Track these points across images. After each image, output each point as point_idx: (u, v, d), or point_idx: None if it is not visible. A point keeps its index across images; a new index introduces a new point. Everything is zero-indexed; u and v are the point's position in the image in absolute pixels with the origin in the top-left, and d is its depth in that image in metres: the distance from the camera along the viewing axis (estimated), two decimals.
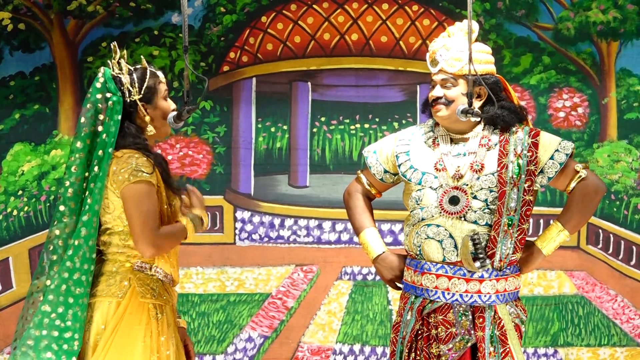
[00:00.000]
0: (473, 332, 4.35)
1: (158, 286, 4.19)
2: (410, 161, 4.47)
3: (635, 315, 6.95)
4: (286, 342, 6.98)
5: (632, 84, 6.99)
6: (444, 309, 4.38)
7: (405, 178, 4.47)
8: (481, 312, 4.37)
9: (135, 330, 4.12)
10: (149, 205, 4.10)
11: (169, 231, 4.17)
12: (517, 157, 4.36)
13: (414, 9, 7.05)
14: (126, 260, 4.19)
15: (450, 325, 4.36)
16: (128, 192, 4.10)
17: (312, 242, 7.03)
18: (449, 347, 4.33)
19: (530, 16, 7.01)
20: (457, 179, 4.37)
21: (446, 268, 4.37)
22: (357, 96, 7.05)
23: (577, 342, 6.94)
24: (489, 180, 4.36)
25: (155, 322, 4.14)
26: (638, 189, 6.96)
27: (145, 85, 4.22)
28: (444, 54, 4.41)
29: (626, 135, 6.98)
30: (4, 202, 6.95)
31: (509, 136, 4.41)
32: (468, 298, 4.36)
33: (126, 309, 4.13)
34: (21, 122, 6.97)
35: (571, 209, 4.47)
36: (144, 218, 4.09)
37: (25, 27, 6.95)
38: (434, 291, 4.38)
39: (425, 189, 4.41)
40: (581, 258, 6.97)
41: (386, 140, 4.61)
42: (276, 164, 7.04)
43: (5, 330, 6.85)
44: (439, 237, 4.37)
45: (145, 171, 4.10)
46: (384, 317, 6.99)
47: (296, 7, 7.03)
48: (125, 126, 4.18)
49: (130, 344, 4.11)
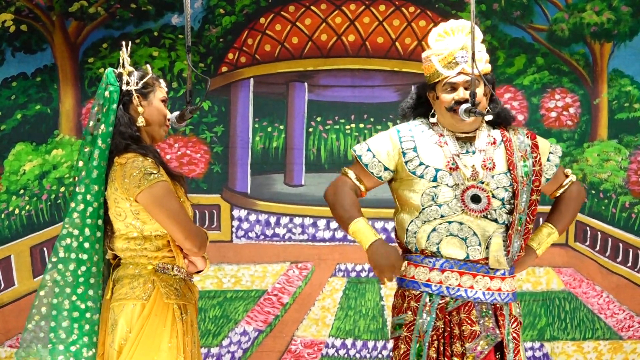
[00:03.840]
0: (497, 330, 4.30)
1: (181, 286, 4.18)
2: (419, 158, 4.36)
3: (619, 310, 7.02)
4: (280, 336, 7.02)
5: (623, 84, 7.01)
6: (466, 307, 4.30)
7: (415, 175, 4.34)
8: (500, 310, 4.34)
9: (161, 331, 4.10)
10: (173, 203, 4.09)
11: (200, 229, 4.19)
12: (524, 158, 4.37)
13: (410, 11, 7.04)
14: (148, 262, 4.17)
15: (473, 323, 4.28)
16: (148, 198, 4.08)
17: (307, 239, 7.04)
18: (474, 346, 4.26)
19: (525, 17, 7.00)
20: (473, 178, 4.32)
21: (469, 265, 4.31)
22: (352, 96, 7.05)
23: (563, 336, 7.00)
24: (503, 179, 4.33)
25: (181, 322, 4.12)
26: (626, 187, 7.02)
27: (144, 80, 4.22)
28: (465, 55, 4.30)
29: (616, 135, 7.03)
30: (5, 201, 6.96)
31: (510, 136, 4.40)
32: (489, 296, 4.32)
33: (151, 311, 4.11)
34: (23, 122, 6.97)
35: (564, 211, 4.53)
36: (175, 216, 4.09)
37: (27, 28, 6.94)
38: (456, 289, 4.30)
39: (442, 186, 4.30)
40: (569, 255, 7.03)
41: (382, 138, 4.45)
42: (272, 163, 7.05)
43: (6, 326, 6.90)
44: (463, 234, 4.30)
45: (155, 172, 4.08)
46: (376, 312, 7.02)
47: (294, 8, 7.02)
48: (119, 114, 4.17)
49: (156, 345, 4.09)
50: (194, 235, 4.11)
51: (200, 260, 4.22)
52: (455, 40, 4.36)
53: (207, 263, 4.26)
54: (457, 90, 4.33)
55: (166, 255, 4.18)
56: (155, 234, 4.16)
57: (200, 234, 4.17)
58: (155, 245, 4.17)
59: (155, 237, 4.16)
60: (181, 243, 4.12)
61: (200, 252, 4.16)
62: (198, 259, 4.21)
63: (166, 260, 4.18)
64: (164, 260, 4.18)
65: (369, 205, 6.97)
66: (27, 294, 6.89)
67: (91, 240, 4.14)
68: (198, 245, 4.13)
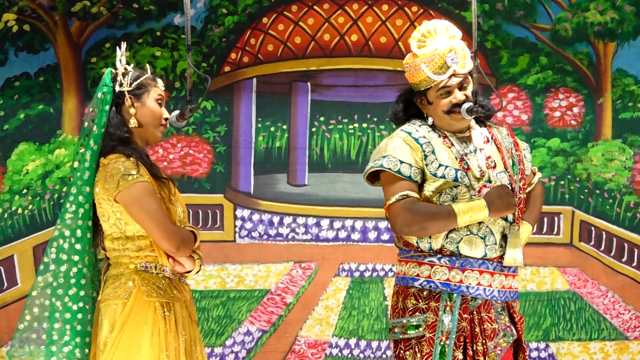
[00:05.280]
0: (513, 327, 4.31)
1: (165, 284, 4.17)
2: (438, 160, 4.28)
3: (625, 310, 7.01)
4: (284, 336, 7.02)
5: (627, 84, 7.00)
6: (486, 305, 4.29)
7: (437, 176, 4.27)
8: (512, 307, 4.35)
9: (142, 329, 4.09)
10: (151, 203, 4.08)
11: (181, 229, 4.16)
12: (510, 157, 4.37)
13: (413, 10, 7.05)
14: (130, 262, 4.17)
15: (492, 321, 4.28)
16: (126, 199, 4.09)
17: (310, 239, 7.05)
18: (495, 344, 4.25)
19: (528, 17, 7.00)
20: (482, 177, 4.31)
21: (487, 264, 4.29)
22: (355, 96, 7.05)
23: (568, 337, 6.99)
24: (504, 178, 4.33)
25: (163, 320, 4.12)
26: (631, 187, 7.01)
27: (138, 81, 4.21)
28: (455, 57, 4.26)
29: (620, 135, 7.02)
30: (8, 200, 6.98)
31: (494, 133, 4.40)
32: (502, 294, 4.32)
33: (132, 309, 4.11)
34: (26, 122, 6.99)
35: (534, 208, 4.54)
36: (153, 216, 4.08)
37: (30, 28, 6.96)
38: (475, 288, 4.28)
39: (461, 187, 4.27)
40: (574, 255, 7.03)
41: (402, 144, 4.32)
42: (275, 163, 7.06)
43: (10, 325, 6.83)
44: (482, 233, 4.27)
45: (134, 172, 4.07)
46: (380, 312, 7.01)
47: (297, 8, 7.03)
48: (111, 116, 4.17)
49: (137, 343, 4.09)
50: (171, 235, 4.09)
51: (187, 261, 4.19)
52: (440, 44, 4.29)
53: (196, 264, 4.22)
54: (452, 93, 4.29)
55: (149, 254, 4.17)
56: (137, 234, 4.16)
57: (181, 234, 4.15)
58: (137, 245, 4.17)
59: (137, 237, 4.16)
60: (159, 243, 4.12)
61: (180, 252, 4.14)
62: (185, 260, 4.18)
63: (149, 259, 4.18)
64: (146, 259, 4.17)
65: (371, 205, 7.04)
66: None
67: (83, 242, 4.15)
68: (176, 245, 4.11)
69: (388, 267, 7.07)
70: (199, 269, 4.25)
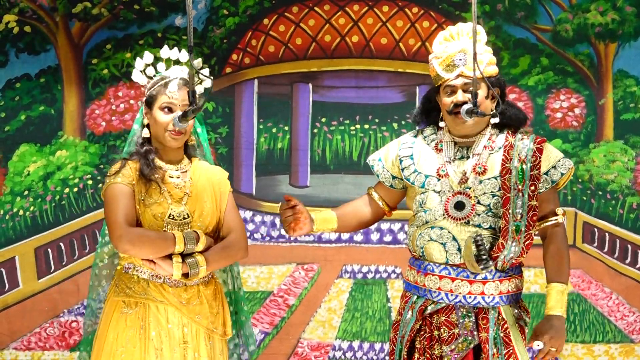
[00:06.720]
0: (476, 333, 4.33)
1: (135, 284, 4.32)
2: (415, 165, 4.46)
3: (630, 312, 7.00)
4: (286, 338, 7.02)
5: (629, 85, 7.01)
6: (447, 310, 4.36)
7: (409, 182, 4.46)
8: (485, 313, 4.35)
9: (106, 327, 4.32)
10: (113, 205, 4.25)
11: (142, 231, 4.27)
12: (521, 163, 4.35)
13: (414, 11, 7.06)
14: (119, 262, 4.41)
15: (452, 326, 4.34)
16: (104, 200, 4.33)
17: (312, 241, 7.03)
18: (452, 348, 4.31)
19: (529, 18, 7.01)
20: (461, 184, 4.36)
21: (449, 270, 4.36)
22: (357, 97, 7.07)
23: (572, 339, 6.97)
24: (492, 184, 4.35)
25: (124, 316, 4.28)
26: (633, 188, 7.01)
27: (151, 90, 4.38)
28: (464, 58, 4.35)
29: (622, 136, 7.02)
30: (10, 202, 6.98)
31: (514, 141, 4.39)
32: (472, 299, 4.35)
33: (104, 309, 4.37)
34: (27, 123, 6.99)
35: (561, 261, 4.44)
36: (108, 216, 4.25)
37: (30, 29, 6.97)
38: (437, 292, 4.36)
39: (429, 192, 4.40)
40: (577, 256, 7.00)
41: (390, 146, 4.60)
42: (277, 164, 7.06)
43: (12, 327, 6.90)
44: (442, 239, 4.36)
45: (111, 175, 4.30)
46: (383, 314, 7.02)
47: (298, 9, 7.05)
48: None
49: (102, 340, 4.32)
50: (119, 236, 4.20)
51: (166, 264, 4.25)
52: (456, 43, 4.40)
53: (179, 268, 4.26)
54: (456, 93, 4.36)
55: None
56: None
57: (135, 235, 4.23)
58: None
59: None
60: (111, 242, 4.30)
61: (132, 252, 4.24)
62: (163, 263, 4.26)
63: (131, 260, 4.34)
64: (129, 260, 4.35)
65: None
66: (31, 295, 6.93)
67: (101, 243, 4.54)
68: (122, 246, 4.21)
69: (391, 269, 7.05)
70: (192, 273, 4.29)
